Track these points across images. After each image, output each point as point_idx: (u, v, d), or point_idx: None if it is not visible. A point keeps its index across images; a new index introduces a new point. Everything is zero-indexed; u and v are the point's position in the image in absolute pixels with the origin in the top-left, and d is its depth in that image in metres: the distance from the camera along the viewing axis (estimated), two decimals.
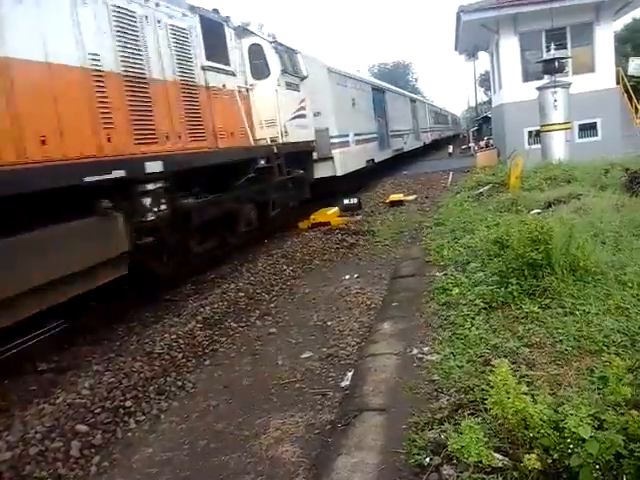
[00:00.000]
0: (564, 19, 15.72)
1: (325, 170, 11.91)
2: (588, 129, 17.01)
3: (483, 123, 33.85)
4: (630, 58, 20.20)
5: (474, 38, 20.00)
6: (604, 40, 16.75)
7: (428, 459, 2.51)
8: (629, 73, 18.59)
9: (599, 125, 16.98)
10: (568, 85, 12.64)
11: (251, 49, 8.95)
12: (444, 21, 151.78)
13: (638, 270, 4.36)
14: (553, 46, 13.57)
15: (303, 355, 4.57)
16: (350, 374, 3.98)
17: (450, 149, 29.55)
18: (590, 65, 16.80)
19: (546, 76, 13.11)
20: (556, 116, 12.42)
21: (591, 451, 2.06)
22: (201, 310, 5.62)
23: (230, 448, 3.28)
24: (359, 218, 10.82)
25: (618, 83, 17.32)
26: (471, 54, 27.64)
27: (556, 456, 2.20)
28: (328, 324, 5.23)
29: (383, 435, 2.88)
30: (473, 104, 49.07)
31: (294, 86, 10.40)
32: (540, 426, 2.28)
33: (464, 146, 29.83)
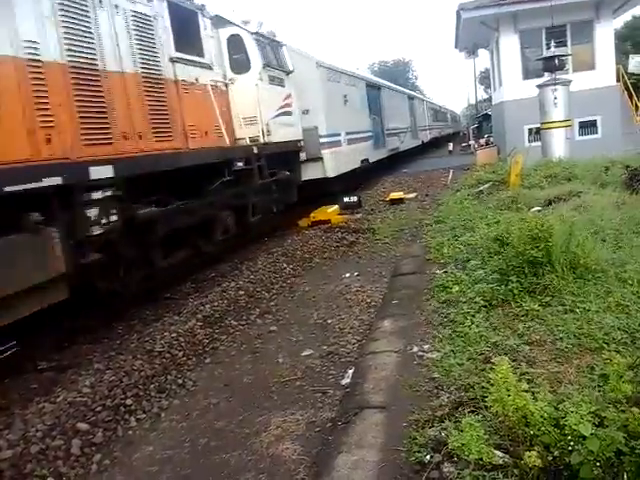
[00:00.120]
0: (564, 16, 15.70)
1: (314, 171, 11.24)
2: (588, 127, 17.02)
3: (483, 121, 33.82)
4: (630, 56, 20.16)
5: (474, 36, 20.00)
6: (604, 38, 16.74)
7: (429, 456, 2.52)
8: (629, 71, 18.57)
9: (599, 123, 16.98)
10: (568, 83, 12.63)
11: (230, 40, 8.29)
12: (444, 19, 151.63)
13: (638, 267, 4.36)
14: (553, 44, 13.56)
15: (303, 353, 4.58)
16: (350, 372, 3.98)
17: (450, 147, 29.57)
18: (590, 63, 16.80)
19: (546, 74, 13.10)
20: (556, 114, 12.42)
21: (592, 448, 2.06)
22: (201, 308, 5.62)
23: (231, 446, 3.29)
24: (359, 216, 10.81)
25: (618, 81, 17.32)
26: (471, 52, 27.60)
27: (557, 453, 2.21)
28: (328, 322, 5.23)
29: (383, 433, 2.88)
30: (473, 102, 49.12)
31: (278, 81, 9.63)
32: (540, 423, 2.28)
33: (464, 144, 29.81)
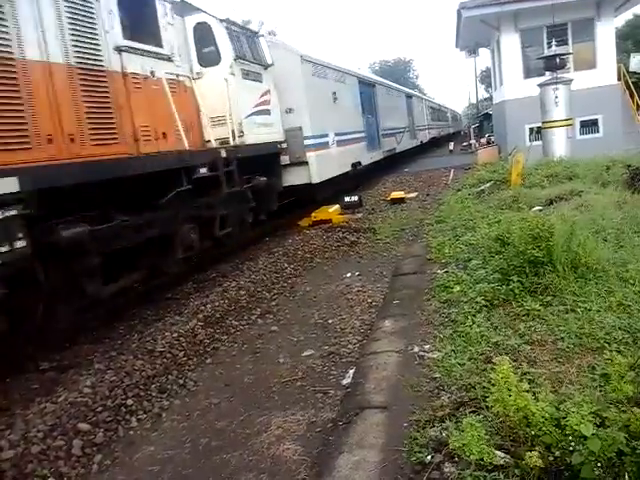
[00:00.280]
0: (565, 15, 15.69)
1: (298, 177, 10.23)
2: (589, 126, 17.00)
3: (484, 120, 33.80)
4: (632, 54, 20.18)
5: (475, 35, 20.00)
6: (605, 36, 16.72)
7: (429, 457, 2.52)
8: (630, 69, 18.57)
9: (600, 122, 16.96)
10: (569, 82, 12.61)
11: (197, 29, 7.50)
12: (445, 18, 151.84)
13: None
14: (554, 42, 13.54)
15: (304, 353, 4.58)
16: (351, 372, 3.98)
17: (451, 146, 29.55)
18: (591, 61, 16.78)
19: (547, 72, 13.10)
20: (557, 113, 12.41)
21: (593, 449, 2.06)
22: (202, 308, 5.62)
23: (231, 446, 3.29)
24: (360, 216, 10.81)
25: (619, 79, 17.29)
26: (472, 51, 27.55)
27: (558, 454, 2.21)
28: (329, 322, 5.23)
29: (384, 433, 2.88)
30: (474, 101, 49.08)
31: (254, 75, 8.68)
32: (542, 424, 2.28)
33: (465, 143, 29.78)
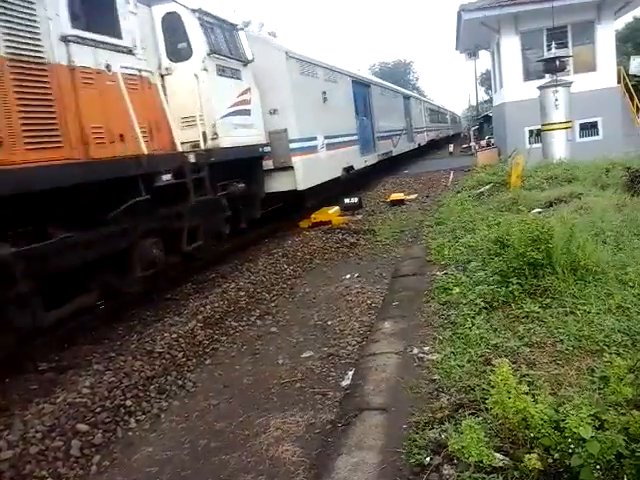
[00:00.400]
0: (565, 18, 15.72)
1: (283, 183, 9.49)
2: (589, 128, 17.03)
3: (484, 122, 33.78)
4: (631, 57, 20.21)
5: (475, 37, 20.03)
6: (605, 39, 16.76)
7: (428, 459, 2.52)
8: (630, 72, 18.60)
9: (600, 124, 16.99)
10: (569, 84, 12.64)
11: (165, 19, 6.85)
12: (445, 20, 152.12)
13: (639, 269, 4.36)
14: (554, 45, 13.60)
15: (304, 354, 4.57)
16: (351, 373, 3.98)
17: (451, 148, 29.60)
18: (591, 64, 16.81)
19: (547, 75, 13.14)
20: (557, 115, 12.44)
21: (592, 451, 2.06)
22: (202, 309, 5.62)
23: (230, 447, 3.29)
24: (360, 217, 10.83)
25: (619, 82, 17.33)
26: (472, 53, 27.57)
27: (557, 456, 2.21)
28: (329, 323, 5.23)
29: (383, 434, 2.88)
30: (474, 103, 49.12)
31: (231, 72, 7.93)
32: (541, 426, 2.28)
33: (465, 145, 29.82)
